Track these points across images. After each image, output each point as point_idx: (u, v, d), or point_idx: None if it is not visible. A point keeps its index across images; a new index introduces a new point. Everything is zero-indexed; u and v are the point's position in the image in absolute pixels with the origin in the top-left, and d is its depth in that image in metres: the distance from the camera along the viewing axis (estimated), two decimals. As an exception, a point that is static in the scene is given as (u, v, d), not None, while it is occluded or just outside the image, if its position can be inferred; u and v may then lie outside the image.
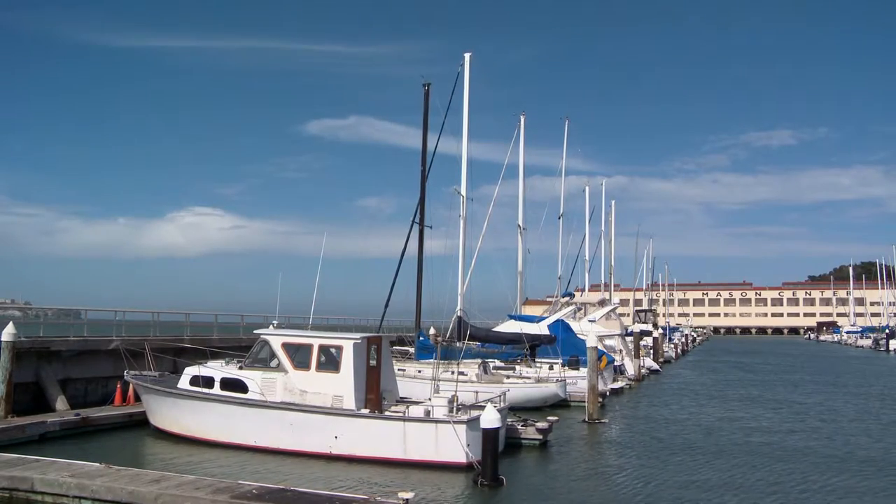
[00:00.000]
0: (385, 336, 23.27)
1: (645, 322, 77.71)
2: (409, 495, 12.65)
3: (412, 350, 34.55)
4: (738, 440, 23.68)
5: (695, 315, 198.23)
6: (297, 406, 19.62)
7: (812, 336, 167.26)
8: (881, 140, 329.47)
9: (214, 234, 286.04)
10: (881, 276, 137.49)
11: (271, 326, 22.69)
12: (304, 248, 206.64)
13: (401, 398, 21.60)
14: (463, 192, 33.62)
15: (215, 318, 37.82)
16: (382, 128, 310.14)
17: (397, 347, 34.21)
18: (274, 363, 20.63)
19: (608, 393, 34.63)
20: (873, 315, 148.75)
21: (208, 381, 21.03)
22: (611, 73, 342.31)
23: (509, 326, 38.39)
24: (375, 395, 19.93)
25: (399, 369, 26.38)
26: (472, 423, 17.69)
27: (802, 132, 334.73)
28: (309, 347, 20.42)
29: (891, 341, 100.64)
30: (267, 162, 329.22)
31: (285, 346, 20.65)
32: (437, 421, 18.41)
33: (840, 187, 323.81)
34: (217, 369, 21.30)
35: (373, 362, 20.57)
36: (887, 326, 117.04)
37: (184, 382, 21.56)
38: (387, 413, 19.58)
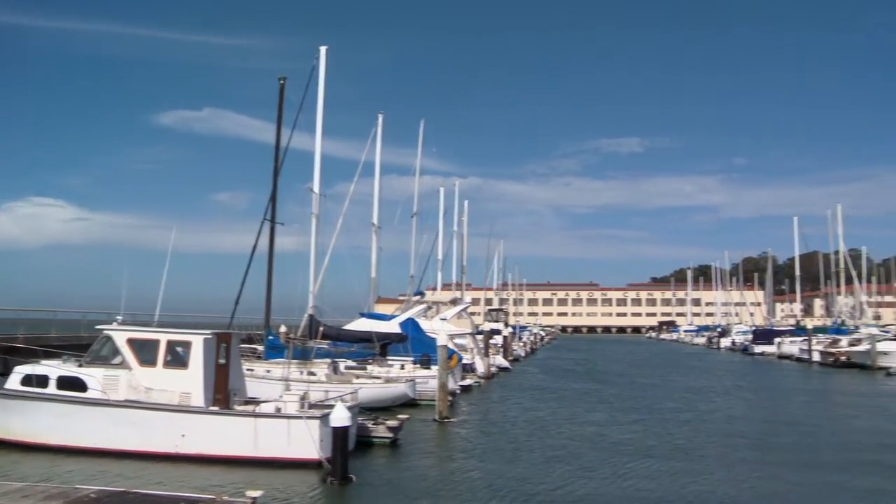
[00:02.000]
0: (235, 333, 22.77)
1: (496, 321, 79.24)
2: (257, 494, 12.49)
3: (261, 349, 33.96)
4: (579, 434, 24.64)
5: (544, 314, 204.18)
6: (141, 404, 18.95)
7: (653, 335, 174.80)
8: (719, 151, 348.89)
9: (55, 226, 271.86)
10: (715, 278, 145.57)
11: (115, 323, 21.81)
12: (152, 243, 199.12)
13: (249, 398, 21.23)
14: (316, 189, 33.41)
15: (54, 315, 36.08)
16: (238, 121, 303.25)
17: (245, 346, 33.55)
18: (117, 360, 19.82)
19: (458, 391, 35.16)
20: (708, 315, 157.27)
21: (42, 381, 19.70)
22: (468, 75, 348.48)
23: (360, 325, 38.33)
24: (224, 394, 19.49)
25: (247, 369, 25.88)
26: (325, 418, 17.59)
27: (649, 140, 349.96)
28: (156, 343, 19.77)
29: (722, 339, 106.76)
30: (115, 152, 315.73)
31: (130, 342, 19.89)
32: (288, 417, 18.22)
33: (682, 194, 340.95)
34: (53, 367, 20.18)
35: (222, 360, 20.10)
36: (719, 326, 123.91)
37: (13, 382, 20.06)
38: (237, 409, 19.24)
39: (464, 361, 40.56)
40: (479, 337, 50.10)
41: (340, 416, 16.66)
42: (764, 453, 21.74)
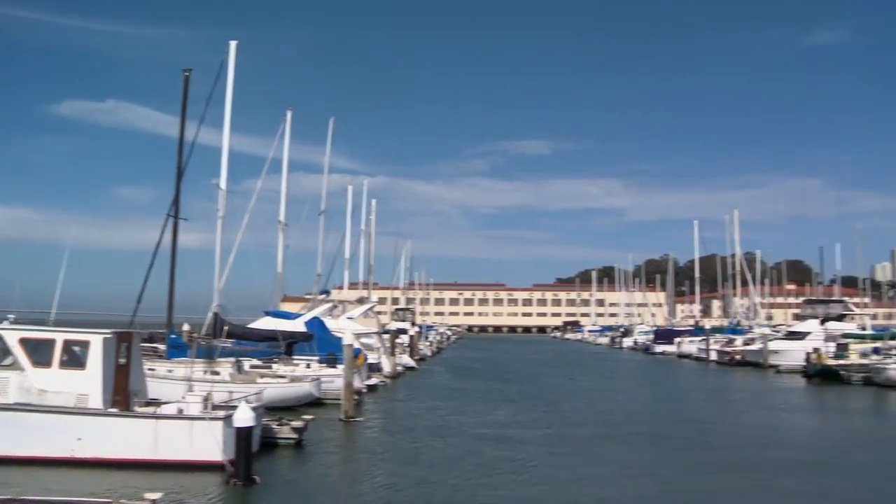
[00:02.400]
0: (136, 332, 22.15)
1: (402, 320, 79.30)
2: (156, 496, 12.21)
3: (163, 348, 33.13)
4: (481, 433, 24.87)
5: (451, 314, 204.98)
6: (34, 407, 18.22)
7: (558, 335, 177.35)
8: (624, 155, 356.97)
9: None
10: (619, 280, 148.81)
11: (6, 322, 20.91)
12: (49, 238, 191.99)
13: (151, 399, 20.66)
14: (223, 185, 32.76)
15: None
16: (144, 115, 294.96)
17: (147, 345, 32.66)
18: (8, 361, 18.95)
19: (364, 390, 35.05)
20: (611, 315, 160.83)
21: (-81, 384, 18.52)
22: (379, 74, 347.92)
23: (265, 323, 37.81)
24: (124, 396, 18.92)
25: (149, 369, 25.22)
26: (228, 419, 17.23)
27: (556, 143, 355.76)
28: (51, 343, 18.99)
29: (624, 339, 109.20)
30: (8, 142, 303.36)
31: (23, 341, 19.05)
32: (191, 418, 17.80)
33: (588, 196, 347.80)
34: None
35: (122, 360, 19.54)
36: (622, 326, 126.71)
37: None
38: (137, 411, 18.71)
39: (370, 361, 40.43)
40: (386, 336, 50.03)
41: (244, 417, 16.43)
42: (660, 450, 22.48)
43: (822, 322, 63.58)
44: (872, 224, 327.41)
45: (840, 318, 66.80)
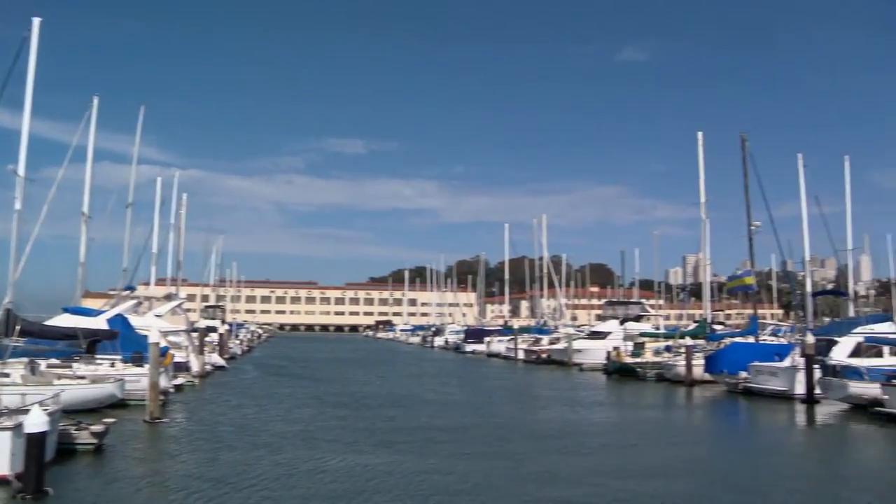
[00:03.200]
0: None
1: (212, 318, 77.03)
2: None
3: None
4: (287, 431, 24.69)
5: (262, 312, 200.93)
6: None
7: (370, 334, 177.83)
8: (439, 157, 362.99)
9: None
10: (431, 280, 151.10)
11: None
12: None
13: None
14: (21, 172, 30.58)
15: None
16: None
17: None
18: None
19: (171, 390, 33.79)
20: (423, 315, 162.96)
21: None
22: (195, 65, 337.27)
23: (65, 321, 35.52)
24: None
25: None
26: (19, 428, 15.75)
27: (373, 143, 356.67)
28: None
29: (436, 338, 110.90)
30: None
31: None
32: (-28, 428, 16.32)
33: (402, 197, 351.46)
34: None
35: None
36: (434, 325, 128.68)
37: None
38: None
39: (178, 359, 39.03)
40: (195, 334, 48.52)
41: (35, 422, 15.15)
42: (460, 444, 23.14)
43: (622, 322, 67.09)
44: (668, 231, 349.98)
45: (638, 318, 70.74)
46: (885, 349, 36.78)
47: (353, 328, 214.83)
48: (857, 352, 36.03)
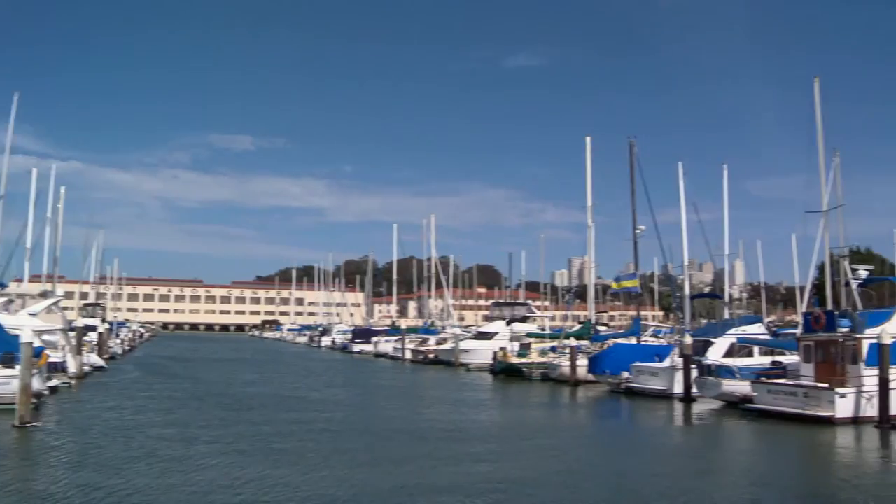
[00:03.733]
0: None
1: (91, 316, 74.26)
2: None
3: None
4: (165, 434, 24.13)
5: (145, 310, 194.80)
6: None
7: (256, 333, 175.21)
8: (329, 156, 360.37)
9: None
10: (319, 279, 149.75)
11: None
12: None
13: None
14: None
15: None
16: None
17: None
18: None
19: (45, 392, 32.39)
20: (311, 314, 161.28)
21: None
22: (75, 52, 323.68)
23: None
24: None
25: None
26: None
27: (262, 140, 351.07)
28: None
29: (323, 338, 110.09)
30: None
31: None
32: None
33: (290, 195, 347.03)
34: None
35: None
36: (321, 325, 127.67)
37: None
38: None
39: (54, 360, 37.44)
40: (72, 333, 46.69)
41: None
42: (340, 443, 23.25)
43: (508, 323, 68.03)
44: (555, 234, 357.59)
45: (524, 319, 71.81)
46: (756, 349, 38.61)
47: (240, 328, 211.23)
48: (730, 352, 37.65)
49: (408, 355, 73.50)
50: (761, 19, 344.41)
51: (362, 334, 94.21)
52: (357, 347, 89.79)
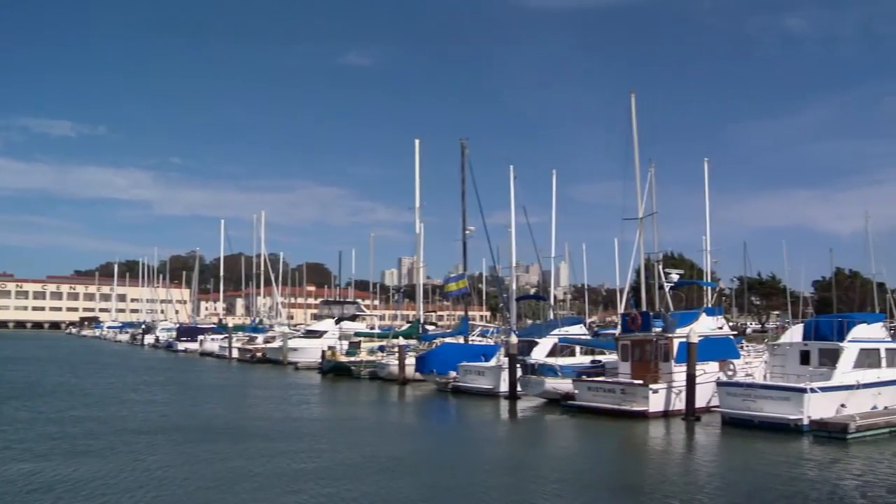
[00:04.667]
0: None
1: None
2: None
3: None
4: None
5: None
6: None
7: (74, 331, 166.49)
8: (156, 148, 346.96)
9: None
10: (143, 274, 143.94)
11: None
12: None
13: None
14: None
15: None
16: None
17: None
18: None
19: None
20: (133, 311, 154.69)
21: None
22: None
23: None
24: None
25: None
26: None
27: (83, 126, 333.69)
28: None
29: (146, 336, 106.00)
30: None
31: None
32: None
33: (114, 186, 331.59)
34: None
35: None
36: (144, 322, 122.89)
37: None
38: None
39: None
40: None
41: None
42: (153, 446, 22.55)
43: (337, 322, 67.80)
44: (385, 234, 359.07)
45: (353, 318, 71.82)
46: (578, 349, 40.21)
47: (55, 325, 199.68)
48: (553, 351, 39.04)
49: (235, 354, 71.85)
50: (584, 30, 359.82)
51: (188, 332, 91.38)
52: (182, 346, 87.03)
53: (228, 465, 19.34)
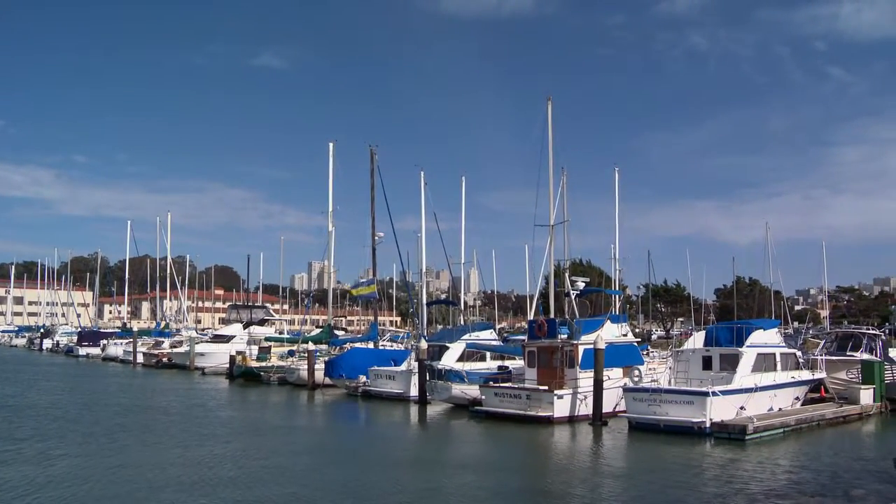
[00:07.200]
0: None
1: None
2: None
3: None
4: None
5: None
6: None
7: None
8: (59, 145, 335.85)
9: None
10: (42, 276, 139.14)
11: None
12: None
13: None
14: None
15: None
16: None
17: None
18: None
19: None
20: (31, 314, 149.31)
21: None
22: None
23: None
24: None
25: None
26: None
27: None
28: None
29: (45, 341, 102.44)
30: None
31: None
32: None
33: (11, 184, 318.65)
34: None
35: None
36: (43, 326, 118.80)
37: None
38: None
39: None
40: None
41: None
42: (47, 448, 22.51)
43: (246, 326, 66.98)
44: (296, 238, 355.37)
45: (262, 322, 71.03)
46: (488, 354, 40.67)
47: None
48: (463, 357, 39.38)
49: (140, 359, 70.18)
50: (496, 38, 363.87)
51: (90, 336, 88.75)
52: (83, 351, 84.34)
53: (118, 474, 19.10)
